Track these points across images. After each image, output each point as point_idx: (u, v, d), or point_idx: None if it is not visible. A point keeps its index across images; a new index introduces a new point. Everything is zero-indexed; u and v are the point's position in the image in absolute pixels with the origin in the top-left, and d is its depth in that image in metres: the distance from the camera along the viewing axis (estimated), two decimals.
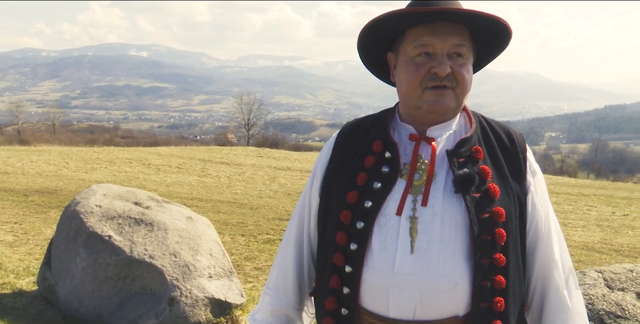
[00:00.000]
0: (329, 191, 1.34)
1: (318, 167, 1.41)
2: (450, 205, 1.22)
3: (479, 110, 1.46)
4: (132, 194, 4.66)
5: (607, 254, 7.73)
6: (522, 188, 1.29)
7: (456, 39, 1.23)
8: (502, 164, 1.29)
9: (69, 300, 4.01)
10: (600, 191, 16.58)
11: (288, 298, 1.43)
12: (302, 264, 1.44)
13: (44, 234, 7.29)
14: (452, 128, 1.32)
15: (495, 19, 1.22)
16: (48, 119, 75.04)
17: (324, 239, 1.35)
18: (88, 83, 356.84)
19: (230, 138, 53.68)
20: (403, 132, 1.33)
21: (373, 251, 1.23)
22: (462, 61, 1.24)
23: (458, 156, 1.26)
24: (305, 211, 1.42)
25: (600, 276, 2.97)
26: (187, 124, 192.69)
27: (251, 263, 6.42)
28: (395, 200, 1.24)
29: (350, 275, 1.25)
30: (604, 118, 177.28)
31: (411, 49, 1.25)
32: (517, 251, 1.26)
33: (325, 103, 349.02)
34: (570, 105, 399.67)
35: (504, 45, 1.32)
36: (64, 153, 22.12)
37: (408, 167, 1.27)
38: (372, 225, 1.24)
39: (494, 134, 1.33)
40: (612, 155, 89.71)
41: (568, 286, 1.30)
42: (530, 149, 1.36)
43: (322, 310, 1.34)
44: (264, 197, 12.71)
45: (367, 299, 1.25)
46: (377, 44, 1.34)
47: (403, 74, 1.28)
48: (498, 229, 1.22)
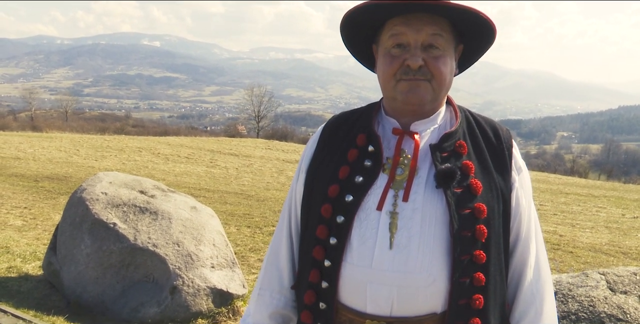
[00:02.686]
0: (312, 184, 1.33)
1: (303, 160, 1.39)
2: (431, 200, 1.20)
3: (491, 107, 1.43)
4: (138, 182, 4.68)
5: (615, 256, 7.66)
6: (507, 184, 1.26)
7: (431, 29, 1.19)
8: (486, 160, 1.27)
9: (72, 286, 4.05)
10: (611, 193, 16.43)
11: (285, 296, 1.39)
12: (295, 260, 1.41)
13: (52, 219, 7.37)
14: (437, 122, 1.29)
15: (469, 10, 1.18)
16: (60, 106, 75.56)
17: (306, 233, 1.33)
18: (101, 71, 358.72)
19: (240, 130, 53.78)
20: (387, 126, 1.31)
21: (352, 246, 1.21)
22: (437, 53, 1.21)
23: (441, 150, 1.24)
24: (292, 205, 1.40)
25: (603, 278, 2.94)
26: (198, 115, 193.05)
27: (256, 255, 6.44)
28: (376, 195, 1.23)
29: (329, 269, 1.24)
30: (618, 119, 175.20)
31: (386, 39, 1.24)
32: (500, 248, 1.24)
33: (336, 97, 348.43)
34: (583, 104, 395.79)
35: (489, 38, 1.28)
36: (75, 140, 22.30)
37: (390, 161, 1.25)
38: (352, 220, 1.22)
39: (480, 129, 1.31)
40: (624, 156, 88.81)
41: (539, 288, 1.28)
42: (516, 146, 1.34)
43: (301, 304, 1.32)
44: (271, 189, 12.73)
45: (345, 294, 1.23)
46: (361, 36, 1.32)
47: (380, 66, 1.27)
48: (479, 225, 1.20)
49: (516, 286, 1.30)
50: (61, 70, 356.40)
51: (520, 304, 1.29)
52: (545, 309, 1.28)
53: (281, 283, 1.40)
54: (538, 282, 1.29)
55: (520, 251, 1.29)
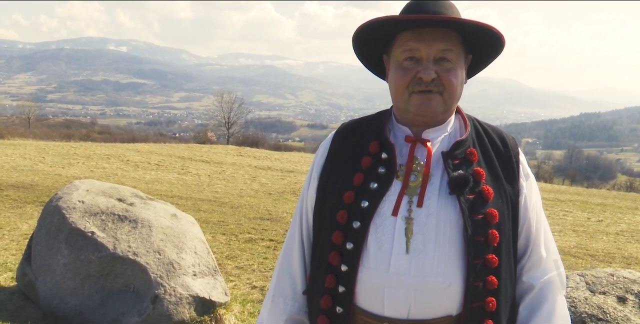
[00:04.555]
0: (325, 191, 1.35)
1: (314, 168, 1.41)
2: (444, 206, 1.24)
3: None
4: (116, 190, 4.59)
5: (583, 258, 7.90)
6: (515, 190, 1.31)
7: (442, 44, 1.24)
8: (496, 167, 1.31)
9: (49, 297, 3.93)
10: (576, 197, 16.92)
11: (298, 302, 1.41)
12: (307, 266, 1.43)
13: (19, 229, 7.13)
14: (448, 130, 1.34)
15: (482, 26, 1.23)
16: (23, 112, 73.22)
17: (320, 239, 1.35)
18: (65, 77, 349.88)
19: (210, 136, 53.21)
20: (399, 134, 1.35)
21: (369, 251, 1.24)
22: (449, 66, 1.26)
23: (453, 157, 1.28)
24: (303, 212, 1.43)
25: (582, 280, 3.04)
26: (166, 121, 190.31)
27: (232, 262, 6.38)
28: (391, 201, 1.26)
29: (345, 274, 1.26)
30: (579, 125, 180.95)
31: (399, 53, 1.28)
32: (510, 252, 1.29)
33: (306, 103, 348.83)
34: (546, 112, 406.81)
35: (497, 50, 1.33)
36: (40, 148, 21.66)
37: (404, 168, 1.29)
38: (369, 225, 1.25)
39: (488, 137, 1.36)
40: (586, 162, 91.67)
41: (552, 288, 1.32)
42: (522, 153, 1.39)
43: (316, 309, 1.34)
44: (244, 196, 12.65)
45: (362, 298, 1.26)
46: (371, 47, 1.36)
47: (392, 78, 1.31)
48: (491, 230, 1.24)
49: (528, 289, 1.33)
50: (23, 75, 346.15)
51: (534, 306, 1.32)
52: (557, 311, 1.32)
53: (294, 289, 1.41)
54: (550, 284, 1.32)
55: (532, 255, 1.34)
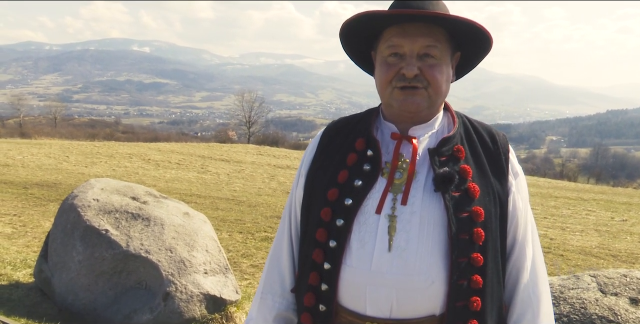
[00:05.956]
0: (312, 188, 1.35)
1: (303, 164, 1.41)
2: (429, 204, 1.23)
3: (480, 112, 1.46)
4: (130, 189, 4.66)
5: (605, 259, 7.74)
6: (504, 188, 1.29)
7: (426, 40, 1.23)
8: (484, 164, 1.29)
9: (64, 293, 4.02)
10: (600, 196, 16.59)
11: (287, 299, 1.41)
12: (295, 263, 1.43)
13: (42, 227, 7.31)
14: (435, 127, 1.32)
15: (466, 22, 1.22)
16: (49, 112, 74.94)
17: (306, 236, 1.35)
18: (90, 77, 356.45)
19: (231, 135, 53.63)
20: (386, 131, 1.33)
21: (351, 249, 1.24)
22: (433, 62, 1.24)
23: (440, 154, 1.27)
24: (292, 209, 1.42)
25: (593, 281, 2.97)
26: (188, 121, 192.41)
27: (248, 260, 6.43)
28: (375, 198, 1.25)
29: (328, 272, 1.26)
30: (606, 123, 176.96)
31: (384, 49, 1.27)
32: (497, 251, 1.27)
33: (326, 102, 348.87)
34: (571, 109, 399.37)
35: (484, 46, 1.31)
36: (65, 147, 22.13)
37: (389, 165, 1.28)
38: (352, 223, 1.24)
39: (477, 135, 1.34)
40: (612, 160, 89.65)
41: (536, 290, 1.30)
42: (513, 151, 1.36)
43: (301, 306, 1.34)
44: (262, 195, 12.72)
45: (345, 297, 1.25)
46: (359, 44, 1.35)
47: (377, 74, 1.30)
48: (476, 228, 1.22)
49: (513, 289, 1.32)
50: (50, 76, 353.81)
51: (518, 306, 1.31)
52: (542, 311, 1.30)
53: (283, 286, 1.41)
54: (535, 284, 1.31)
55: (517, 254, 1.32)
